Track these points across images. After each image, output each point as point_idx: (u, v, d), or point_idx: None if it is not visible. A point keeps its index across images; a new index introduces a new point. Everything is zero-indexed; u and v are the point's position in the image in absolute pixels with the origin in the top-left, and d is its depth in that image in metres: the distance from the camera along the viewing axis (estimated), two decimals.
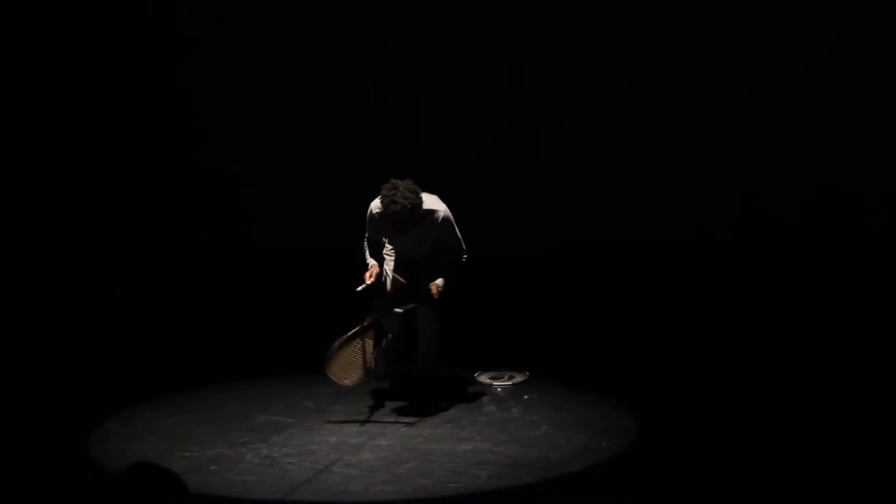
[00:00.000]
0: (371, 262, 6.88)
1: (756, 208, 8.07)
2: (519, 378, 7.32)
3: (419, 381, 7.10)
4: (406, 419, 6.63)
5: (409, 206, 6.51)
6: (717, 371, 7.24)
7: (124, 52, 8.91)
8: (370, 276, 6.77)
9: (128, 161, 8.98)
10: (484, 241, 7.40)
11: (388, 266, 6.93)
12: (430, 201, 6.74)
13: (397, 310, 6.77)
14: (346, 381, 6.71)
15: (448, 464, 5.92)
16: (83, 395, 7.14)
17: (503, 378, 7.33)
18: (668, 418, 6.58)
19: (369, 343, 6.73)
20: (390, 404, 6.87)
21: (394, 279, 6.86)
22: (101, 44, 8.80)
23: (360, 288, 6.71)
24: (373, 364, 6.72)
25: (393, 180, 6.59)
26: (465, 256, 6.93)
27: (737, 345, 7.56)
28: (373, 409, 6.80)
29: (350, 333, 6.69)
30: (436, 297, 6.78)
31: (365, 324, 6.72)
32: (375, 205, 6.72)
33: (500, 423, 6.57)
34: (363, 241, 6.97)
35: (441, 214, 6.75)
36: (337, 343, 6.64)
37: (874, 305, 7.58)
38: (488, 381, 7.30)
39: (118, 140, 8.94)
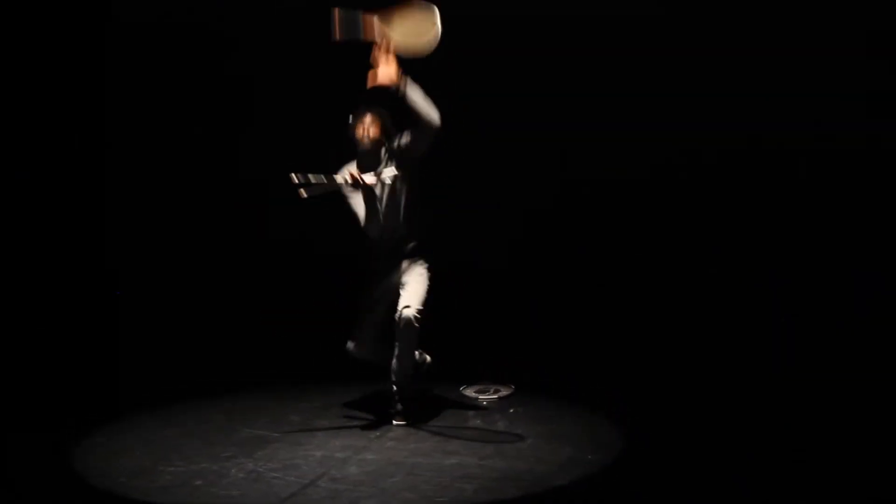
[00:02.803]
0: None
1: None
2: (504, 391, 7.32)
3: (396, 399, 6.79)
4: (392, 433, 6.62)
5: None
6: (716, 370, 7.26)
7: (124, 51, 8.93)
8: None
9: (124, 163, 9.01)
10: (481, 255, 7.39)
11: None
12: None
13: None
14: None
15: (434, 478, 5.90)
16: (68, 408, 7.12)
17: (489, 392, 7.32)
18: (662, 421, 6.61)
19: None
20: (376, 418, 6.85)
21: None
22: (102, 44, 8.83)
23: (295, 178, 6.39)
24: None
25: None
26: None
27: (737, 345, 7.58)
28: (359, 423, 6.78)
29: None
30: (349, 179, 6.52)
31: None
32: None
33: (486, 436, 6.56)
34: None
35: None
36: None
37: (874, 305, 7.60)
38: (474, 394, 7.30)
39: (117, 141, 8.97)
